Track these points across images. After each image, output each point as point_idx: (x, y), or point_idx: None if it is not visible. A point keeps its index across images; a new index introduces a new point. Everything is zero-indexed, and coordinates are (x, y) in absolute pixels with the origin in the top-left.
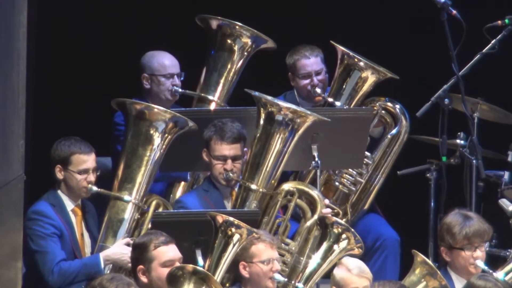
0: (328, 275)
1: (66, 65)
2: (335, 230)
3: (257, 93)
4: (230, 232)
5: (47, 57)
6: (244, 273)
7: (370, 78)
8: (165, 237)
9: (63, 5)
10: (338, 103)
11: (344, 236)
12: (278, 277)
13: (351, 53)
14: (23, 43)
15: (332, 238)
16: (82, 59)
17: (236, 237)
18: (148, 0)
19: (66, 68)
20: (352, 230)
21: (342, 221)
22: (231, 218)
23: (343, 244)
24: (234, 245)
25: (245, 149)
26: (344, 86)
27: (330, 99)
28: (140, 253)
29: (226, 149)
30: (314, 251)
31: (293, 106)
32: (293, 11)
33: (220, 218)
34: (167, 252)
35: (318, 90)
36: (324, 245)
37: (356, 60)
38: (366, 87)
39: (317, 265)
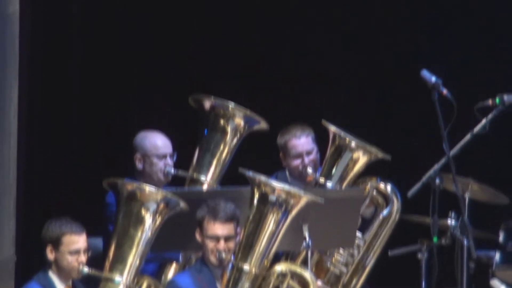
0: None
1: (58, 144)
2: None
3: (251, 173)
4: None
5: (39, 135)
6: None
7: (362, 159)
8: None
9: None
10: (329, 184)
11: None
12: None
13: (342, 134)
14: (14, 121)
15: None
16: (73, 137)
17: None
18: (141, 78)
19: (58, 148)
20: None
21: None
22: None
23: None
24: None
25: (238, 229)
26: (335, 167)
27: (322, 180)
28: None
29: (219, 228)
30: None
31: (287, 187)
32: (285, 90)
33: None
34: None
35: (310, 170)
36: None
37: (347, 141)
38: (357, 167)
39: None
